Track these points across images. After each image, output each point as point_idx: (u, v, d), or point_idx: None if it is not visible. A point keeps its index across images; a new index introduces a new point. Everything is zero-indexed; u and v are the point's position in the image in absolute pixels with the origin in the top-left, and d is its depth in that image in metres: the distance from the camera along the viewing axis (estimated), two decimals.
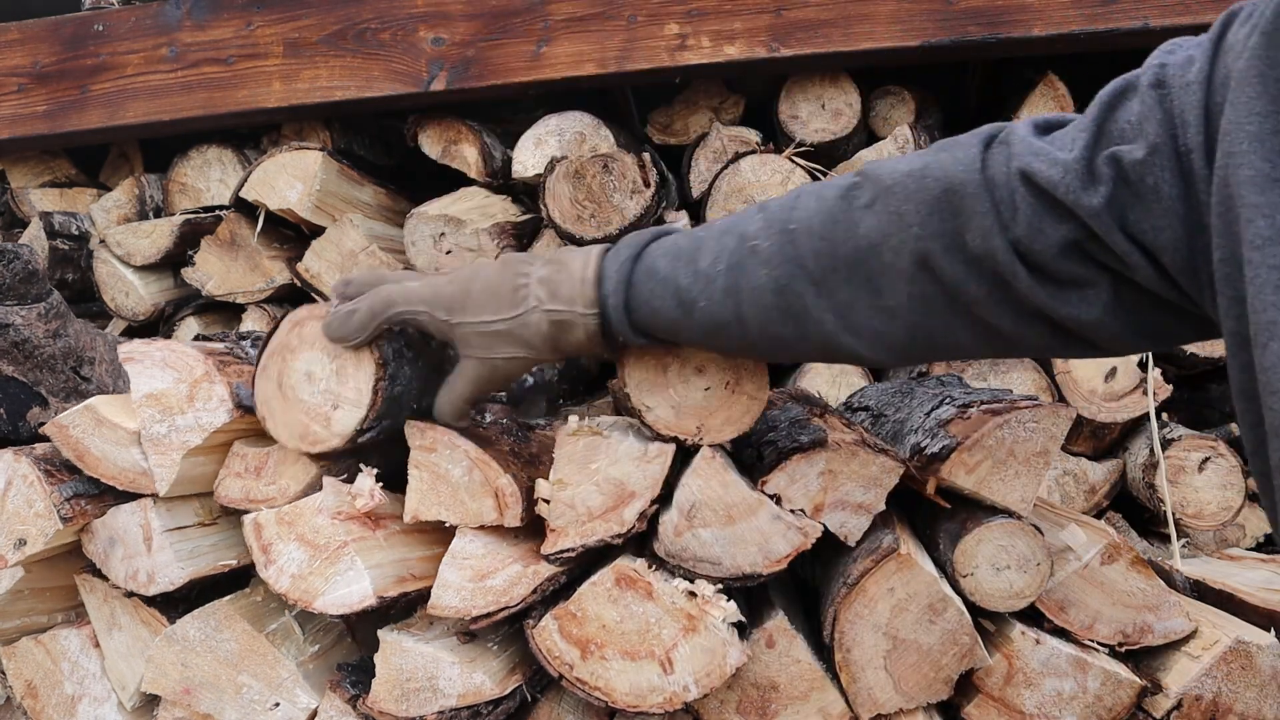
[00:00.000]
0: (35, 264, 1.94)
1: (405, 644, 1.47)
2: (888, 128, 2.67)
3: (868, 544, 1.54)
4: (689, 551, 1.47)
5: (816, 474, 1.50)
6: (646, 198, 2.39)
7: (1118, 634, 1.61)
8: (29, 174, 3.07)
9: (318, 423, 1.44)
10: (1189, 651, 1.61)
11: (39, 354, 1.95)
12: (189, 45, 2.74)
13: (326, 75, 2.67)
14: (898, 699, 1.54)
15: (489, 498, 1.47)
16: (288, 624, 1.60)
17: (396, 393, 1.46)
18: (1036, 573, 1.53)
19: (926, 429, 1.68)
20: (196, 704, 1.56)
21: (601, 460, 1.46)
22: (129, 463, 1.55)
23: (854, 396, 2.24)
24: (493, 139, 2.77)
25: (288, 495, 1.53)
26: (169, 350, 1.54)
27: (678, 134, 2.83)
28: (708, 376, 1.45)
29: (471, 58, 2.61)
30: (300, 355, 1.45)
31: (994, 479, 1.57)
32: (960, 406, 1.76)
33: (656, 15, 2.54)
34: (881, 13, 2.45)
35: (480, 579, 1.46)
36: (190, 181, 2.86)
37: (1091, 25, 2.37)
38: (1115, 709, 1.56)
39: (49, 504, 1.55)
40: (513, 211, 2.68)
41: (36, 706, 1.67)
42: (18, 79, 2.81)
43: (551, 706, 1.58)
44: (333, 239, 2.66)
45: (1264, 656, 1.57)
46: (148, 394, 1.52)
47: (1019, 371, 2.39)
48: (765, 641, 1.53)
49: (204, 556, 1.61)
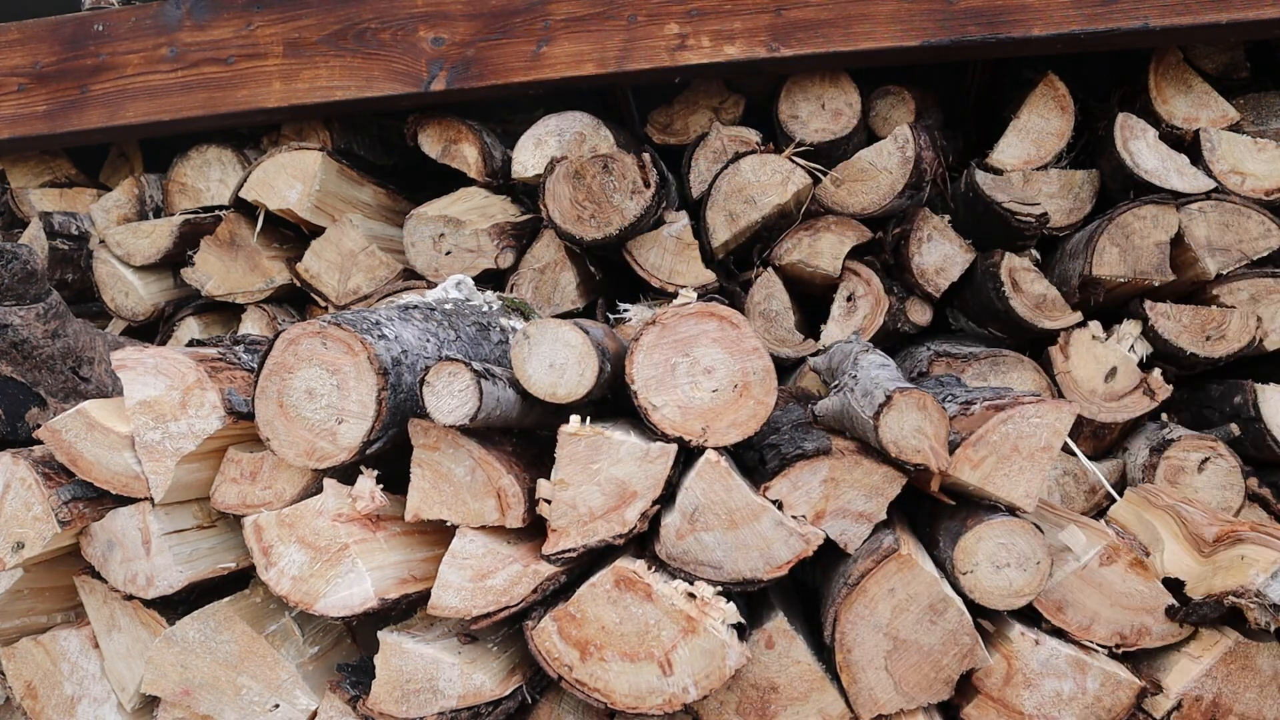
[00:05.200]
0: (35, 264, 1.94)
1: (405, 645, 1.47)
2: (888, 127, 2.67)
3: (868, 544, 1.54)
4: (690, 555, 1.47)
5: (819, 481, 1.50)
6: (646, 198, 2.39)
7: (1116, 635, 1.61)
8: (29, 174, 3.07)
9: (324, 439, 1.44)
10: (1189, 652, 1.61)
11: (38, 354, 1.95)
12: (189, 45, 2.74)
13: (326, 75, 2.66)
14: (898, 699, 1.54)
15: (491, 498, 1.47)
16: (287, 625, 1.60)
17: (400, 401, 1.46)
18: (1036, 571, 1.54)
19: None
20: (196, 705, 1.56)
21: (603, 460, 1.46)
22: (121, 467, 1.55)
23: None
24: (493, 139, 2.76)
25: (284, 499, 1.53)
26: (161, 357, 1.54)
27: (678, 134, 2.83)
28: (716, 378, 1.45)
29: (471, 58, 2.60)
30: (298, 373, 1.45)
31: (998, 474, 1.57)
32: (963, 403, 1.76)
33: (656, 15, 2.54)
34: (881, 13, 2.45)
35: (480, 579, 1.46)
36: (190, 181, 2.85)
37: (1091, 25, 2.37)
38: (1115, 709, 1.56)
39: (47, 507, 1.55)
40: (512, 212, 2.68)
41: (36, 707, 1.67)
42: (18, 79, 2.81)
43: (551, 707, 1.58)
44: (332, 239, 2.66)
45: (1264, 657, 1.57)
46: (141, 401, 1.52)
47: (1019, 371, 2.39)
48: (765, 643, 1.53)
49: (203, 559, 1.61)
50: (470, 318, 1.93)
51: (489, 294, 2.22)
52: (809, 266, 2.48)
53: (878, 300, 2.49)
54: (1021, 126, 2.62)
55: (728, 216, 2.51)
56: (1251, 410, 2.33)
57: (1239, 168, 2.44)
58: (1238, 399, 2.37)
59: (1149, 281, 2.35)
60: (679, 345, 1.45)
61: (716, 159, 2.63)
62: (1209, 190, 2.40)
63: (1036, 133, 2.62)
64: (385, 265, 2.65)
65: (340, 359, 1.43)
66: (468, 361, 1.37)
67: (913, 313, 2.53)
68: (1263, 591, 1.53)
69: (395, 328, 1.54)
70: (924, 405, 1.46)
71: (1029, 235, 2.43)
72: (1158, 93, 2.55)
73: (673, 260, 2.50)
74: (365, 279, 2.65)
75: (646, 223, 2.44)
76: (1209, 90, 2.55)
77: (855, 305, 2.51)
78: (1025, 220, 2.37)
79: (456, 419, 1.36)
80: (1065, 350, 2.40)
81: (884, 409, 1.45)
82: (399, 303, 1.90)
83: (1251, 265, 2.37)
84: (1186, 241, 2.36)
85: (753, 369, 1.44)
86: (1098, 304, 2.42)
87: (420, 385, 1.38)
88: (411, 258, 2.59)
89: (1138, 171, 2.41)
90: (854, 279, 2.52)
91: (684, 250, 2.50)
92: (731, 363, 1.44)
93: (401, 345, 1.51)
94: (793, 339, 2.51)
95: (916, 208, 2.53)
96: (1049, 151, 2.61)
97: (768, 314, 2.52)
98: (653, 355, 1.45)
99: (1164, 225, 2.35)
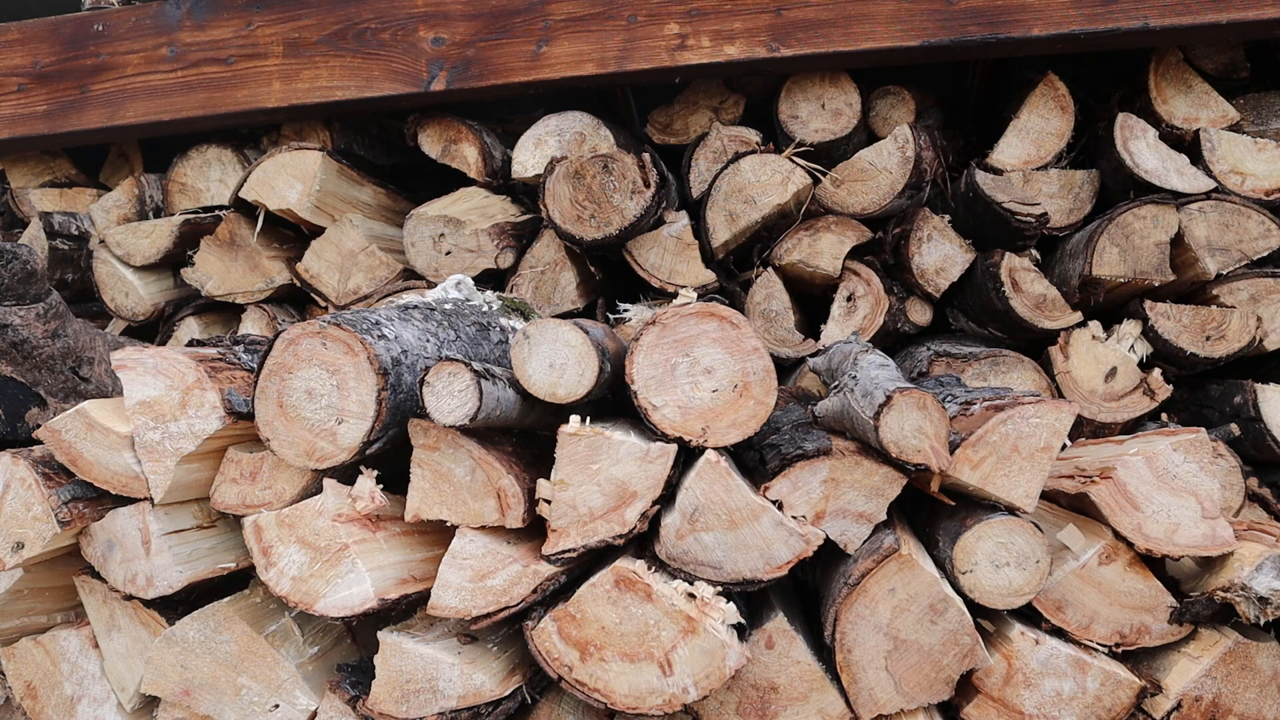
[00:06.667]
0: (35, 264, 1.94)
1: (405, 646, 1.47)
2: (887, 127, 2.67)
3: (869, 544, 1.54)
4: (690, 555, 1.47)
5: (819, 482, 1.50)
6: (646, 198, 2.39)
7: (1115, 634, 1.61)
8: (29, 174, 3.07)
9: (324, 439, 1.44)
10: (1188, 652, 1.61)
11: (38, 354, 1.95)
12: (189, 45, 2.74)
13: (326, 75, 2.66)
14: (898, 699, 1.54)
15: (491, 498, 1.47)
16: (287, 625, 1.60)
17: (400, 401, 1.46)
18: (1035, 570, 1.54)
19: None
20: (196, 705, 1.57)
21: (603, 460, 1.46)
22: (121, 467, 1.55)
23: None
24: (493, 139, 2.76)
25: (283, 499, 1.54)
26: (161, 358, 1.54)
27: (678, 134, 2.83)
28: (716, 378, 1.45)
29: (471, 58, 2.60)
30: (298, 373, 1.45)
31: (998, 475, 1.57)
32: (963, 403, 1.76)
33: (656, 15, 2.54)
34: (881, 13, 2.45)
35: (480, 579, 1.46)
36: (190, 181, 2.86)
37: (1091, 25, 2.37)
38: (1115, 709, 1.56)
39: (47, 507, 1.55)
40: (512, 212, 2.68)
41: (36, 707, 1.68)
42: (18, 79, 2.81)
43: (551, 707, 1.58)
44: (332, 239, 2.66)
45: (1263, 657, 1.57)
46: (140, 401, 1.52)
47: (1019, 371, 2.39)
48: (765, 643, 1.53)
49: (203, 559, 1.61)
50: (470, 318, 1.93)
51: (489, 294, 2.22)
52: (809, 266, 2.48)
53: (878, 300, 2.49)
54: (1021, 126, 2.62)
55: (728, 216, 2.51)
56: (1251, 410, 2.33)
57: (1239, 168, 2.44)
58: (1238, 399, 2.37)
59: (1149, 281, 2.35)
60: (679, 345, 1.45)
61: (716, 159, 2.63)
62: (1209, 190, 2.40)
63: (1036, 133, 2.62)
64: (385, 265, 2.65)
65: (340, 359, 1.43)
66: (468, 361, 1.37)
67: (913, 313, 2.53)
68: (1248, 584, 1.53)
69: (395, 328, 1.54)
70: (924, 405, 1.46)
71: (1029, 235, 2.43)
72: (1158, 93, 2.55)
73: (673, 260, 2.50)
74: (365, 279, 2.65)
75: (646, 223, 2.44)
76: (1209, 90, 2.55)
77: (855, 305, 2.51)
78: (1025, 220, 2.37)
79: (456, 419, 1.36)
80: (1065, 350, 2.40)
81: (884, 409, 1.45)
82: (399, 303, 1.90)
83: (1251, 265, 2.37)
84: (1186, 241, 2.36)
85: (753, 369, 1.44)
86: (1098, 304, 2.42)
87: (420, 385, 1.38)
88: (411, 258, 2.60)
89: (1138, 171, 2.41)
90: (854, 279, 2.52)
91: (684, 250, 2.50)
92: (731, 363, 1.44)
93: (401, 345, 1.51)
94: (793, 339, 2.51)
95: (916, 208, 2.53)
96: (1049, 151, 2.61)
97: (768, 314, 2.52)
98: (653, 355, 1.45)
99: (1164, 225, 2.35)
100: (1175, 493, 1.61)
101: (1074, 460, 1.80)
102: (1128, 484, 1.62)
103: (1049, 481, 1.71)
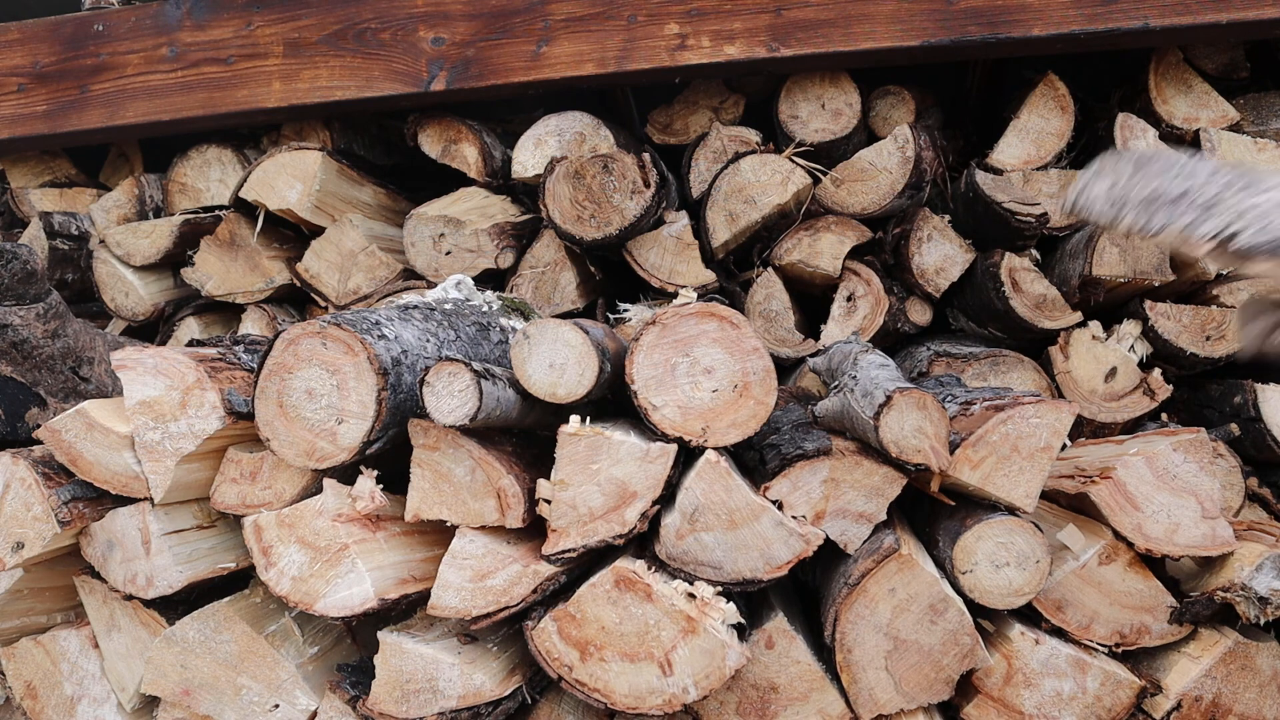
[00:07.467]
0: (35, 264, 1.94)
1: (405, 645, 1.47)
2: (888, 127, 2.67)
3: (869, 544, 1.54)
4: (690, 555, 1.47)
5: (819, 482, 1.50)
6: (646, 198, 2.39)
7: (1115, 634, 1.61)
8: (29, 174, 3.07)
9: (324, 439, 1.44)
10: (1188, 652, 1.61)
11: (38, 354, 1.95)
12: (189, 45, 2.74)
13: (326, 75, 2.66)
14: (898, 699, 1.54)
15: (491, 498, 1.47)
16: (287, 625, 1.60)
17: (400, 401, 1.46)
18: (1035, 570, 1.54)
19: None
20: (196, 705, 1.57)
21: (603, 460, 1.46)
22: (121, 467, 1.55)
23: None
24: (493, 139, 2.76)
25: (283, 499, 1.54)
26: (161, 358, 1.54)
27: (678, 134, 2.83)
28: (716, 378, 1.45)
29: (471, 58, 2.60)
30: (298, 373, 1.45)
31: (998, 474, 1.57)
32: (963, 403, 1.76)
33: (656, 15, 2.54)
34: (881, 13, 2.45)
35: (480, 579, 1.46)
36: (190, 181, 2.86)
37: (1091, 25, 2.37)
38: (1115, 709, 1.56)
39: (47, 507, 1.55)
40: (512, 211, 2.68)
41: (36, 707, 1.68)
42: (18, 79, 2.81)
43: (551, 707, 1.58)
44: (332, 239, 2.66)
45: (1263, 657, 1.57)
46: (140, 401, 1.52)
47: (1019, 371, 2.39)
48: (765, 643, 1.53)
49: (203, 559, 1.61)
50: (470, 318, 1.93)
51: (489, 294, 2.22)
52: (809, 266, 2.48)
53: (878, 300, 2.49)
54: (1021, 126, 2.62)
55: (728, 216, 2.51)
56: (1251, 410, 2.33)
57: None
58: (1238, 399, 2.37)
59: (1149, 281, 2.35)
60: (679, 345, 1.45)
61: (716, 159, 2.63)
62: None
63: (1036, 133, 2.62)
64: (385, 265, 2.65)
65: (340, 359, 1.43)
66: (468, 361, 1.37)
67: (913, 313, 2.53)
68: (1248, 584, 1.54)
69: (395, 328, 1.54)
70: (924, 405, 1.46)
71: (1029, 235, 2.43)
72: (1158, 93, 2.55)
73: (673, 260, 2.50)
74: (365, 279, 2.66)
75: (646, 223, 2.44)
76: (1209, 90, 2.55)
77: (855, 305, 2.51)
78: (1025, 220, 2.37)
79: (456, 419, 1.36)
80: (1065, 350, 2.40)
81: (884, 409, 1.45)
82: (399, 303, 1.90)
83: None
84: None
85: (753, 369, 1.44)
86: (1098, 304, 2.42)
87: (420, 385, 1.38)
88: (411, 258, 2.60)
89: None
90: (854, 279, 2.52)
91: (684, 250, 2.50)
92: (731, 363, 1.44)
93: (401, 345, 1.51)
94: (793, 339, 2.51)
95: (916, 208, 2.53)
96: (1049, 151, 2.61)
97: (768, 314, 2.52)
98: (653, 355, 1.45)
99: None
100: (1175, 493, 1.61)
101: (1074, 460, 1.80)
102: (1128, 484, 1.62)
103: (1049, 481, 1.70)
